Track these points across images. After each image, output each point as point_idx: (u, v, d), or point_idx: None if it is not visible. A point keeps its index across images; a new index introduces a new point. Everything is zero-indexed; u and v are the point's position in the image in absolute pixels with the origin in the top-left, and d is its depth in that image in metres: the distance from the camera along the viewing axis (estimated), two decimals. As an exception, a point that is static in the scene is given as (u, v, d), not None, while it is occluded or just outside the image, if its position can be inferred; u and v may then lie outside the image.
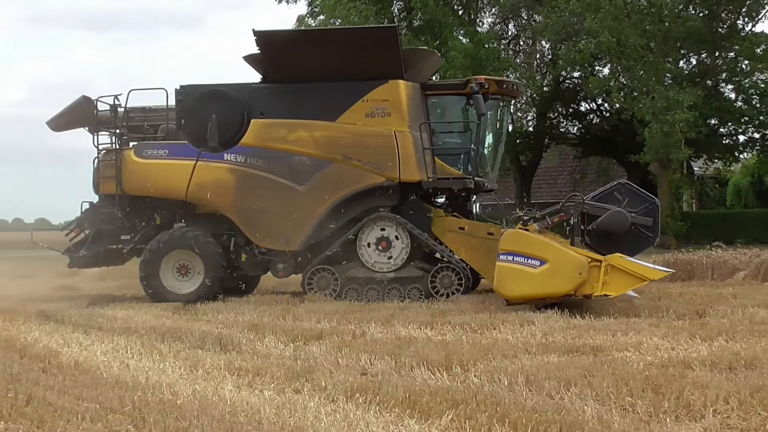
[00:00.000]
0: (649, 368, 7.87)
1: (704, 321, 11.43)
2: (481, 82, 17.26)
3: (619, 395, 6.79)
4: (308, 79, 17.11)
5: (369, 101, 16.90)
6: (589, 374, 7.51)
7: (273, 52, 17.31)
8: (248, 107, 17.34)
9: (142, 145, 17.78)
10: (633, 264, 12.76)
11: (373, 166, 16.76)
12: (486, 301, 14.87)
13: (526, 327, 11.39)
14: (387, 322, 12.24)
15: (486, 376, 7.87)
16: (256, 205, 17.04)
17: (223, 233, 17.44)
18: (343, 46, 17.38)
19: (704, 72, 39.22)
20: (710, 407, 6.34)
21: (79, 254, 17.88)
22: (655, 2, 36.42)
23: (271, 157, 17.01)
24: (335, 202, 16.84)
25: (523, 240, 13.23)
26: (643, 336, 10.19)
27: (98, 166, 17.90)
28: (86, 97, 18.37)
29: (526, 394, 7.08)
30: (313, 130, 17.00)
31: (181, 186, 17.27)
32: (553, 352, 9.17)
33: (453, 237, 17.05)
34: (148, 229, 17.75)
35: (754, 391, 6.60)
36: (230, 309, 14.66)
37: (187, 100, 17.60)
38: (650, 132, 33.79)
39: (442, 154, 17.59)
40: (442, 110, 18.60)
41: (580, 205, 14.60)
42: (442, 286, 16.46)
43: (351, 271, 16.81)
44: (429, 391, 7.10)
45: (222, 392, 7.45)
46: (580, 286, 12.61)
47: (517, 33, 48.76)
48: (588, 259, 12.74)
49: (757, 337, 9.93)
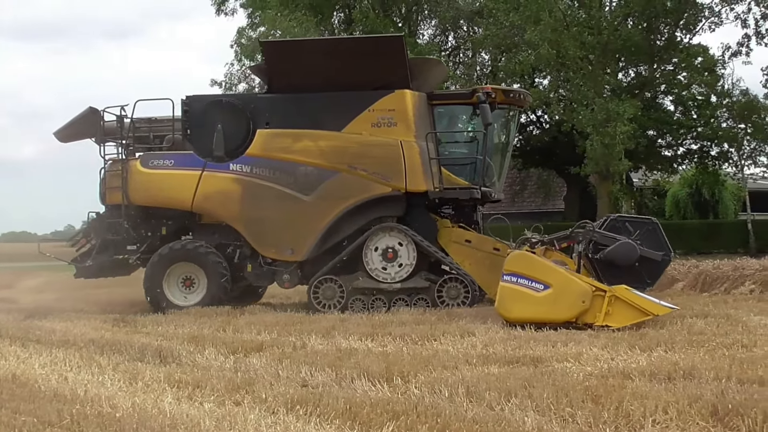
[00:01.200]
0: (589, 379, 7.95)
1: (643, 332, 11.52)
2: (488, 92, 17.26)
3: (559, 406, 6.83)
4: (314, 88, 17.06)
5: (375, 111, 16.88)
6: (529, 385, 7.54)
7: (279, 62, 17.41)
8: (254, 117, 17.33)
9: (148, 155, 17.81)
10: (638, 297, 12.57)
11: (380, 176, 16.73)
12: (427, 313, 14.93)
13: (466, 338, 11.45)
14: (328, 334, 12.22)
15: (427, 387, 7.87)
16: (261, 216, 17.02)
17: (229, 244, 17.44)
18: (349, 55, 17.36)
19: (643, 84, 39.73)
20: (649, 417, 6.40)
21: (86, 264, 17.87)
22: (594, 15, 36.83)
23: (277, 167, 16.99)
24: (341, 212, 16.81)
25: (529, 262, 13.07)
26: (583, 347, 10.29)
27: (104, 177, 17.91)
28: (93, 108, 18.40)
29: (466, 405, 7.11)
30: (319, 140, 16.98)
31: (186, 196, 17.31)
32: (494, 363, 9.22)
33: (458, 249, 17.04)
34: (154, 240, 17.79)
35: (693, 401, 6.68)
36: (170, 321, 14.56)
37: (193, 110, 17.59)
38: (590, 144, 34.10)
39: (448, 164, 17.59)
40: (449, 120, 18.62)
41: (589, 232, 14.50)
42: (449, 297, 16.40)
43: (357, 282, 16.72)
44: (369, 403, 7.10)
45: (161, 405, 7.38)
46: (582, 314, 12.47)
47: (457, 45, 49.08)
48: (592, 287, 12.61)
49: (695, 348, 10.07)
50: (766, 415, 6.18)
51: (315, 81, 17.04)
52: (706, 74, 38.68)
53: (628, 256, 14.13)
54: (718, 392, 6.99)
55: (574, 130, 36.37)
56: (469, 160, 17.81)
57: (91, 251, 18.03)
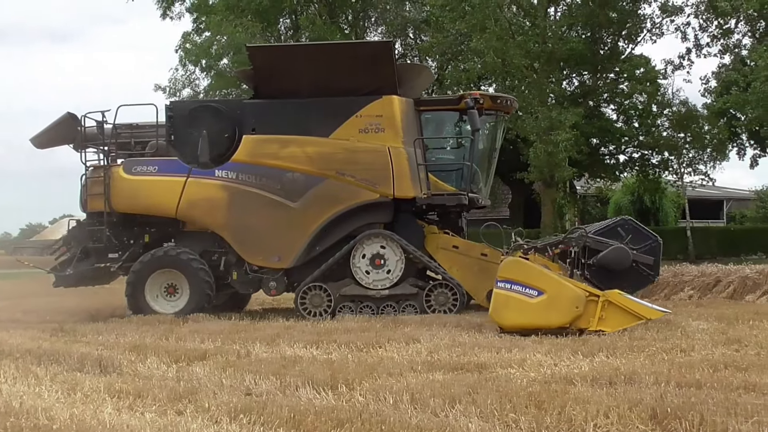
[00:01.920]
0: (532, 384, 8.00)
1: (586, 338, 11.66)
2: (476, 98, 17.32)
3: (502, 412, 6.88)
4: (301, 94, 17.01)
5: (363, 117, 16.80)
6: (473, 391, 7.58)
7: (266, 68, 17.25)
8: (239, 123, 17.20)
9: (131, 161, 17.56)
10: (631, 302, 12.67)
11: (367, 182, 16.66)
12: (372, 320, 14.95)
13: (411, 345, 11.48)
14: (272, 342, 12.17)
15: (371, 394, 7.88)
16: (247, 222, 16.89)
17: (214, 251, 17.29)
18: (337, 61, 17.31)
19: (586, 93, 40.16)
20: (591, 422, 6.47)
21: (66, 273, 17.58)
22: (539, 24, 37.18)
23: (264, 173, 16.87)
24: (328, 218, 16.74)
25: (523, 269, 13.02)
26: (527, 353, 10.36)
27: (86, 183, 17.62)
28: (71, 114, 18.15)
29: (411, 412, 7.12)
30: (306, 146, 16.88)
31: (171, 203, 17.11)
32: (438, 370, 9.26)
33: (446, 255, 17.01)
34: (136, 248, 17.55)
35: (633, 405, 6.76)
36: (111, 330, 14.36)
37: (178, 115, 17.44)
38: (534, 151, 34.36)
39: (435, 170, 17.59)
40: (436, 126, 18.54)
41: (582, 238, 14.37)
42: (437, 303, 16.47)
43: (345, 289, 16.70)
44: (314, 411, 7.08)
45: (101, 416, 7.29)
46: (576, 320, 12.46)
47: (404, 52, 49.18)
48: (586, 293, 12.62)
49: (636, 353, 10.21)
50: (703, 418, 6.29)
51: (302, 87, 16.99)
52: (647, 84, 39.24)
53: (621, 260, 14.06)
54: (658, 396, 7.11)
55: (519, 137, 36.59)
56: (456, 166, 17.84)
57: (71, 259, 17.76)
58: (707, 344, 10.79)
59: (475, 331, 12.89)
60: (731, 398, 7.08)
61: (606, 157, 43.29)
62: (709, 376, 8.24)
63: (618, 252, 13.99)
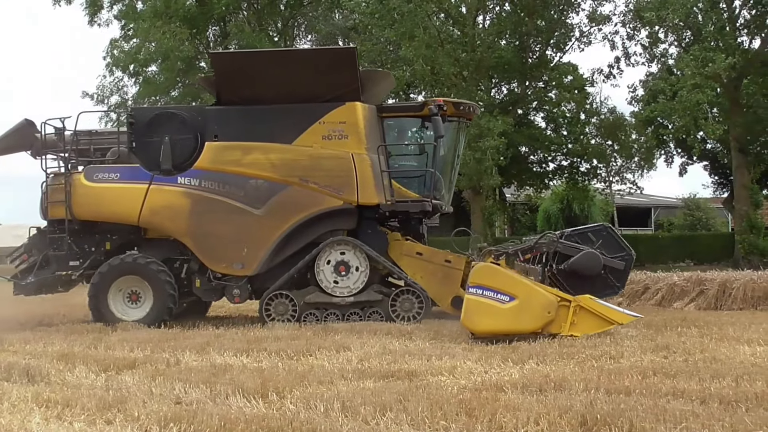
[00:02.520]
0: (463, 392, 8.03)
1: (516, 345, 11.71)
2: (440, 104, 17.19)
3: (433, 419, 6.89)
4: (264, 100, 16.82)
5: (326, 123, 16.66)
6: (404, 399, 7.59)
7: (228, 74, 17.09)
8: (202, 130, 16.98)
9: (92, 168, 17.18)
10: (602, 307, 12.71)
11: (331, 189, 16.50)
12: (302, 328, 14.91)
13: (342, 353, 11.45)
14: (202, 350, 12.05)
15: (302, 402, 7.85)
16: (211, 230, 16.62)
17: (176, 259, 17.08)
18: (300, 67, 17.11)
19: (515, 101, 40.56)
20: (521, 429, 6.52)
21: (27, 281, 17.27)
22: (467, 32, 37.49)
23: (226, 180, 16.63)
24: (292, 225, 16.53)
25: (494, 274, 12.88)
26: (458, 360, 10.40)
27: (46, 191, 17.26)
28: (28, 120, 17.83)
29: (342, 420, 7.10)
30: (269, 153, 16.68)
31: (133, 210, 16.80)
32: (369, 378, 9.25)
33: (410, 262, 16.95)
34: (98, 255, 17.22)
35: (563, 412, 6.83)
36: (39, 339, 14.12)
37: (139, 122, 17.18)
38: (464, 159, 34.55)
39: (398, 177, 17.49)
40: (398, 132, 18.40)
41: (553, 243, 14.43)
42: (403, 309, 16.36)
43: (309, 296, 16.53)
44: (244, 419, 7.04)
45: (29, 425, 7.17)
46: (548, 325, 12.50)
47: (334, 59, 49.11)
48: (557, 298, 12.65)
49: (566, 360, 10.31)
50: (633, 425, 6.37)
51: (265, 93, 16.82)
52: (575, 92, 39.75)
53: (592, 265, 14.07)
54: (587, 403, 7.18)
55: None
56: (419, 172, 17.77)
57: (32, 267, 17.48)
58: (636, 351, 10.92)
59: (405, 339, 12.91)
60: (660, 404, 7.18)
61: (535, 165, 43.72)
62: (638, 383, 8.35)
63: (589, 256, 14.06)
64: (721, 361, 9.99)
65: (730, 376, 8.63)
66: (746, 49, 39.45)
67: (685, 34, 39.25)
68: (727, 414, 6.82)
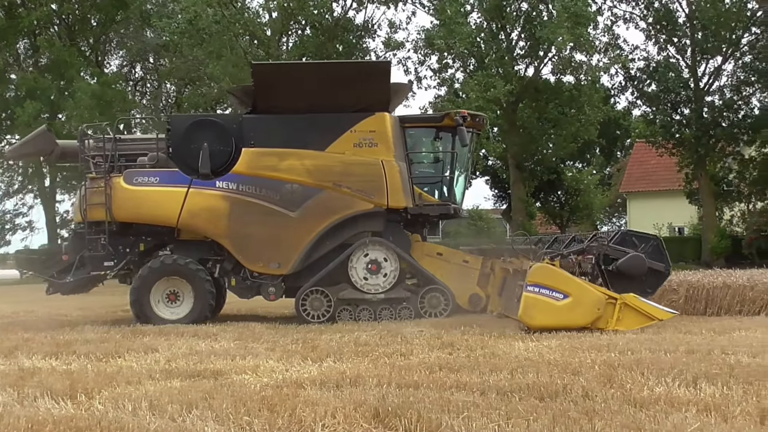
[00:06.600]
0: (265, 389, 8.06)
1: (315, 344, 11.87)
2: (464, 116, 17.38)
3: (237, 415, 6.89)
4: (299, 109, 16.71)
5: (357, 132, 16.85)
6: (209, 397, 7.57)
7: (268, 83, 16.93)
8: (238, 136, 16.76)
9: (132, 172, 16.81)
10: (645, 304, 13.32)
11: (363, 193, 16.70)
12: (111, 331, 14.61)
13: (150, 354, 11.31)
14: (10, 354, 11.61)
15: (110, 402, 7.68)
16: (248, 231, 16.65)
17: (209, 259, 16.86)
18: (337, 78, 17.15)
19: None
20: (320, 422, 6.60)
21: (66, 280, 16.89)
22: (272, 53, 37.64)
23: (263, 184, 16.62)
24: (326, 227, 16.67)
25: (550, 274, 13.39)
26: (260, 359, 10.45)
27: (85, 194, 16.70)
28: (48, 127, 17.64)
29: (149, 418, 7.01)
30: (304, 159, 16.76)
31: (172, 213, 16.64)
32: (176, 378, 9.16)
33: (431, 261, 17.17)
34: (132, 256, 17.09)
35: (358, 406, 6.97)
36: None
37: (177, 129, 16.90)
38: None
39: (418, 182, 17.51)
40: (415, 142, 18.43)
41: (602, 246, 14.74)
42: (430, 306, 16.43)
43: (343, 293, 16.56)
44: (53, 420, 6.84)
45: None
46: (596, 320, 12.98)
47: (144, 75, 48.40)
48: (605, 296, 13.16)
49: (361, 357, 10.50)
50: (420, 415, 6.57)
51: (300, 102, 16.79)
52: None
53: (637, 267, 14.48)
54: (380, 397, 7.35)
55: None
56: (438, 178, 18.02)
57: (69, 267, 17.04)
58: (424, 348, 11.22)
59: (211, 340, 12.86)
60: (445, 396, 7.42)
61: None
62: (426, 377, 8.58)
63: (635, 259, 14.50)
64: (499, 356, 10.37)
65: (506, 369, 8.98)
66: (522, 76, 41.43)
67: (469, 61, 40.72)
68: (503, 403, 7.10)
